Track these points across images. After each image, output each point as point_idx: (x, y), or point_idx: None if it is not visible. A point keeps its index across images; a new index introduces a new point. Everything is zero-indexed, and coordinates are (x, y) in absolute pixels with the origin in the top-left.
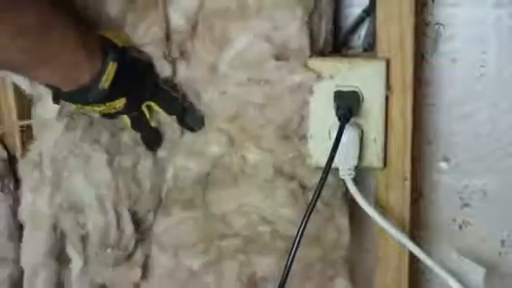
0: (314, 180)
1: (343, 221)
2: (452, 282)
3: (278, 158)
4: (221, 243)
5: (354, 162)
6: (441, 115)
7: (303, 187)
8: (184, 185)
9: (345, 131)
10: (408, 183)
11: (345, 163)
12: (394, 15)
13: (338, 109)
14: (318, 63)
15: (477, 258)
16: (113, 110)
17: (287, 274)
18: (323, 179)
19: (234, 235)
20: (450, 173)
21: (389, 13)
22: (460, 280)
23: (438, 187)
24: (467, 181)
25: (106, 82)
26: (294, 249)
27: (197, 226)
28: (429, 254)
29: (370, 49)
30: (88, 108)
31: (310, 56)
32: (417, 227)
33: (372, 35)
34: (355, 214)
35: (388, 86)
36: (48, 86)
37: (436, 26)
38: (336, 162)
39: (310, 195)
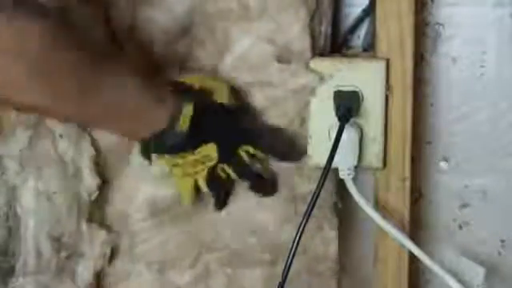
0: (307, 188)
1: (331, 233)
2: (452, 282)
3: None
4: (209, 256)
5: (354, 162)
6: (440, 115)
7: (294, 196)
8: (166, 206)
9: (345, 131)
10: (408, 183)
11: (344, 163)
12: (393, 15)
13: (337, 109)
14: (318, 64)
15: (477, 258)
16: (207, 161)
17: (287, 275)
18: (323, 179)
19: (223, 248)
20: (450, 173)
21: (388, 12)
22: (460, 280)
23: (438, 187)
24: (467, 181)
25: (183, 124)
26: (293, 250)
27: (185, 241)
28: (429, 254)
29: (369, 49)
30: (179, 160)
31: (312, 57)
32: (417, 227)
33: (372, 35)
34: (355, 214)
35: (388, 86)
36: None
37: (436, 26)
38: (336, 162)
39: (300, 204)
